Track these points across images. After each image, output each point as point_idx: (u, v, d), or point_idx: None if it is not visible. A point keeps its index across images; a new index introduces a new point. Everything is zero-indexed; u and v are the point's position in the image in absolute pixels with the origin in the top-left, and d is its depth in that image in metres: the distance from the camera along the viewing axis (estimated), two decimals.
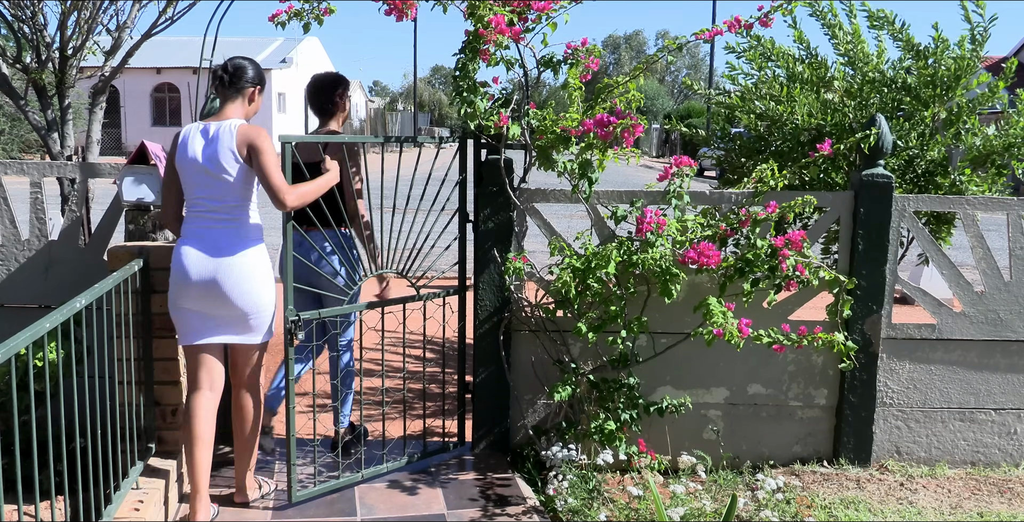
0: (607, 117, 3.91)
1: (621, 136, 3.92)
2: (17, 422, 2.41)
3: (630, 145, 3.98)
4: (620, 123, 3.89)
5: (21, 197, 4.26)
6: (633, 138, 3.94)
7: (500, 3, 3.87)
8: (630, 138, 3.93)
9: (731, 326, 3.85)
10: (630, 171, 29.86)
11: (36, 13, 5.49)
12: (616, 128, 3.90)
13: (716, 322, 3.86)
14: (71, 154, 5.73)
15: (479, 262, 4.30)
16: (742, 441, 4.42)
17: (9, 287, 4.25)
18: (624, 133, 3.90)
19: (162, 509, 3.54)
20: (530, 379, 4.35)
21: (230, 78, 3.59)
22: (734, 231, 4.10)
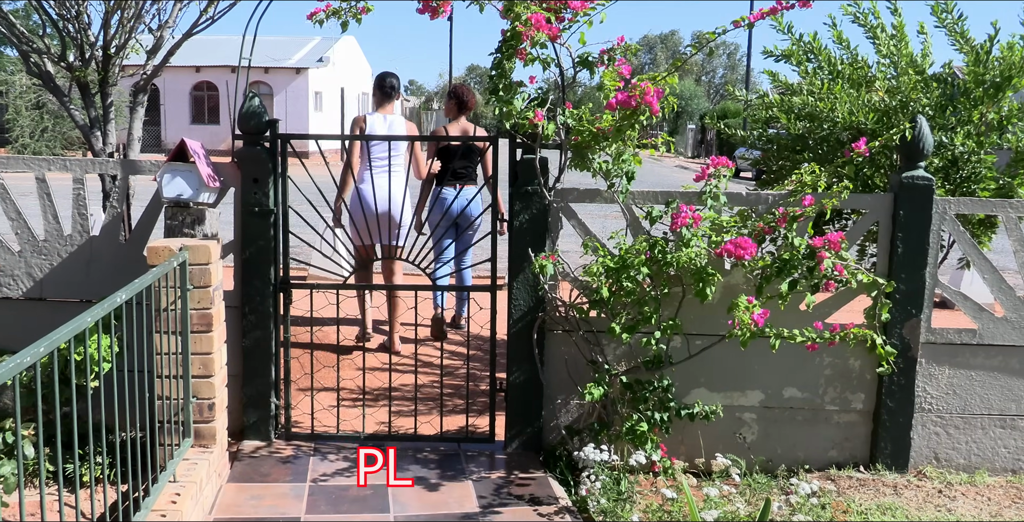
0: (623, 92, 3.88)
1: (645, 101, 3.85)
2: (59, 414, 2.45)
3: (656, 108, 3.89)
4: (637, 88, 3.84)
5: (64, 193, 4.33)
6: (656, 103, 3.86)
7: (537, 2, 3.87)
8: (653, 100, 3.85)
9: (744, 316, 3.81)
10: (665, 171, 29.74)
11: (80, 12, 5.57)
12: (635, 91, 3.85)
13: (737, 315, 3.83)
14: (113, 151, 5.81)
15: (513, 261, 4.30)
16: (777, 445, 4.38)
17: (51, 281, 4.33)
18: (646, 97, 3.84)
19: (198, 502, 3.58)
20: (563, 379, 4.34)
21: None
22: (771, 229, 4.06)
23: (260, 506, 3.76)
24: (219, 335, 4.02)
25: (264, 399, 4.42)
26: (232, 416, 4.34)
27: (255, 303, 4.35)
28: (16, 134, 24.70)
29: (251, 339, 4.37)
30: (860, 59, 5.00)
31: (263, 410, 4.43)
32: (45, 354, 2.34)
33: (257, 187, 4.28)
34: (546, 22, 3.82)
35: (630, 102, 3.87)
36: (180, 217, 4.06)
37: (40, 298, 4.35)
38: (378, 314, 6.63)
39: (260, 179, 4.28)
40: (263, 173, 4.28)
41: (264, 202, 4.29)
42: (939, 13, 4.84)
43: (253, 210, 4.30)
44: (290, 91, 35.30)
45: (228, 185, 4.28)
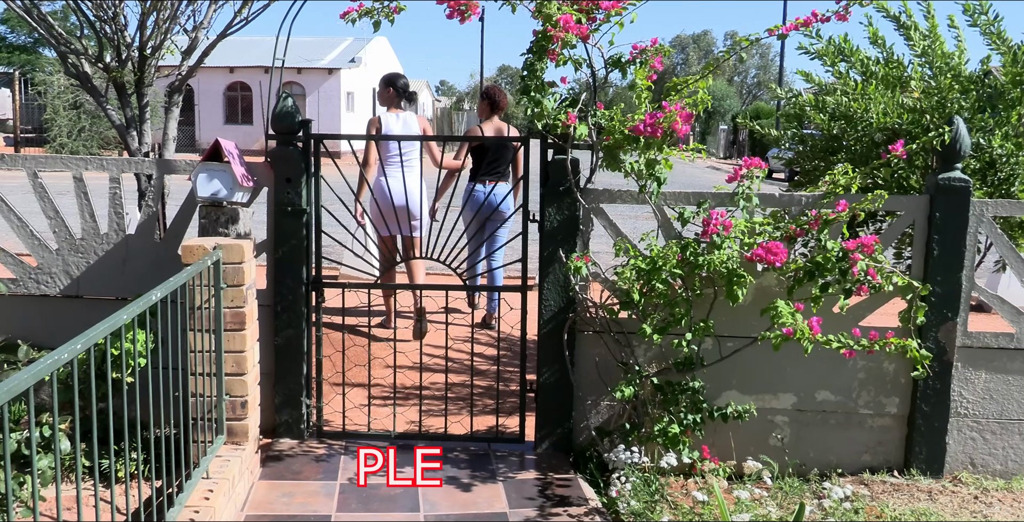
0: (653, 115, 3.89)
1: (672, 129, 3.87)
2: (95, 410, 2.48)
3: (683, 134, 3.93)
4: (666, 116, 3.85)
5: (100, 192, 4.38)
6: (684, 127, 3.89)
7: (568, 2, 3.87)
8: (681, 129, 3.87)
9: (802, 325, 3.79)
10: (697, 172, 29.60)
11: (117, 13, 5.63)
12: (663, 122, 3.86)
13: (785, 322, 3.80)
14: (148, 151, 5.88)
15: (544, 262, 4.30)
16: (809, 448, 4.34)
17: (88, 279, 4.38)
18: (673, 126, 3.86)
19: (231, 499, 3.61)
20: (594, 380, 4.33)
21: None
22: (804, 232, 4.03)
23: (291, 503, 3.78)
24: (252, 333, 4.05)
25: (296, 397, 4.45)
26: (264, 414, 4.37)
27: (287, 302, 4.39)
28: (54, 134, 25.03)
29: (283, 338, 4.40)
30: (895, 59, 4.94)
31: (295, 408, 4.46)
32: (82, 351, 2.37)
33: (290, 187, 4.32)
34: (576, 23, 3.82)
35: (656, 132, 3.88)
36: (214, 216, 4.10)
37: (77, 296, 4.41)
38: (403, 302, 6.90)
39: (293, 179, 4.31)
40: (296, 173, 4.31)
41: (297, 202, 4.32)
42: (972, 13, 4.78)
43: (286, 209, 4.33)
44: (322, 91, 35.54)
45: (261, 185, 4.32)
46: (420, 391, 4.83)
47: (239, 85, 35.50)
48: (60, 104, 24.92)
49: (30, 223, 4.39)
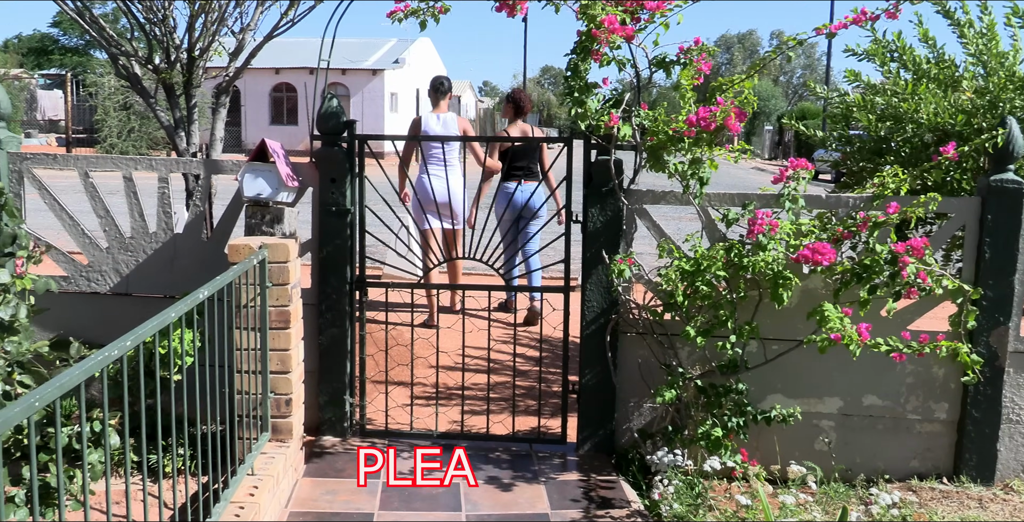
0: (707, 109, 3.86)
1: (725, 124, 3.84)
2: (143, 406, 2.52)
3: (736, 131, 3.90)
4: (720, 110, 3.82)
5: (149, 191, 4.45)
6: (738, 124, 3.86)
7: (613, 3, 3.85)
8: (735, 124, 3.84)
9: (850, 330, 3.74)
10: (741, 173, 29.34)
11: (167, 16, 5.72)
12: (718, 116, 3.83)
13: (833, 327, 3.75)
14: (196, 151, 5.96)
15: (587, 263, 4.29)
16: (856, 453, 4.28)
17: (137, 277, 4.46)
18: (727, 121, 3.83)
19: (275, 495, 3.65)
20: (636, 382, 4.31)
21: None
22: (852, 234, 3.97)
23: (335, 501, 3.81)
24: (296, 332, 4.09)
25: (339, 396, 4.48)
26: (308, 412, 4.41)
27: (332, 301, 4.42)
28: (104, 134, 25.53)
29: (327, 336, 4.44)
30: (947, 58, 4.85)
31: (338, 407, 4.49)
32: (131, 348, 2.41)
33: (335, 187, 4.35)
34: (621, 24, 3.81)
35: (710, 126, 3.84)
36: (260, 216, 4.15)
37: (126, 293, 4.48)
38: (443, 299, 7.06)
39: (337, 179, 4.34)
40: (340, 173, 4.34)
41: (341, 202, 4.35)
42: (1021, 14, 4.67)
43: (330, 209, 4.36)
44: (366, 92, 35.80)
45: (306, 185, 4.36)
46: (462, 391, 4.85)
47: (285, 86, 35.88)
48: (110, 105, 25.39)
49: (81, 222, 4.47)
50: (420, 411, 4.83)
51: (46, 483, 3.14)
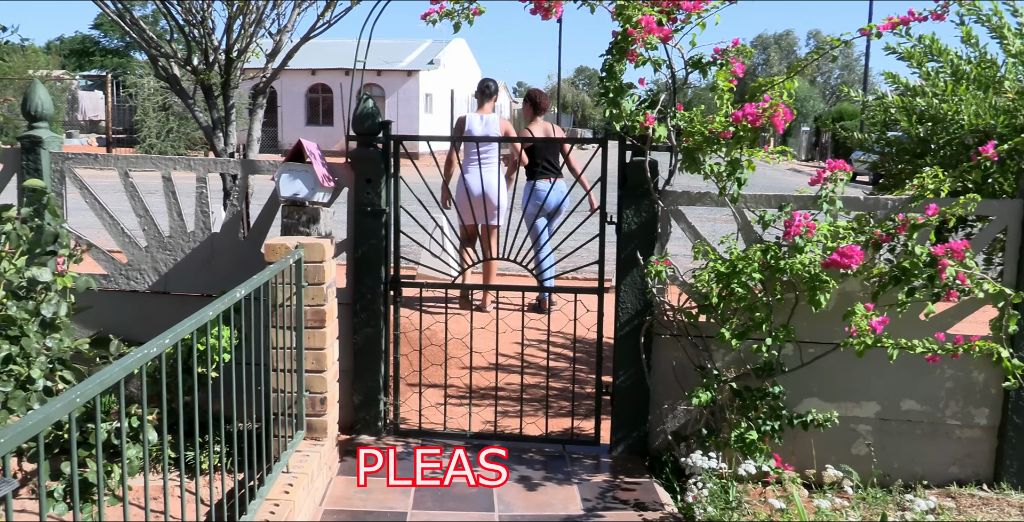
0: (754, 105, 3.83)
1: (771, 120, 3.81)
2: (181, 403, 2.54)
3: (782, 128, 3.87)
4: (769, 106, 3.80)
5: (187, 191, 4.51)
6: (783, 123, 3.83)
7: (649, 3, 3.84)
8: (781, 122, 3.81)
9: (863, 322, 3.68)
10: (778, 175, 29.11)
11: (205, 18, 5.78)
12: (765, 112, 3.80)
13: (855, 321, 3.71)
14: (233, 151, 6.02)
15: (621, 264, 4.27)
16: (893, 458, 4.23)
17: (175, 276, 4.51)
18: (774, 118, 3.80)
19: (309, 493, 3.67)
20: (670, 384, 4.29)
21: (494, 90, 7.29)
22: (890, 236, 3.92)
23: (368, 500, 3.83)
24: (331, 331, 4.12)
25: (374, 395, 4.50)
26: (343, 411, 4.44)
27: (366, 301, 4.44)
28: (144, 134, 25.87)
29: (362, 336, 4.46)
30: (988, 59, 4.77)
31: (372, 406, 4.51)
32: (170, 345, 2.44)
33: (370, 187, 4.37)
34: (657, 24, 3.79)
35: (757, 122, 3.81)
36: (296, 216, 4.18)
37: (164, 292, 4.54)
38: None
39: (373, 179, 4.37)
40: (376, 173, 4.37)
41: (376, 202, 4.38)
42: None
43: (366, 210, 4.39)
44: (401, 93, 35.97)
45: (342, 185, 4.39)
46: (496, 391, 4.85)
47: (320, 87, 36.14)
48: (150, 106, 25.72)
49: (121, 221, 4.53)
50: (453, 411, 4.84)
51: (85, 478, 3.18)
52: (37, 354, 3.21)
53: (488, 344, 5.24)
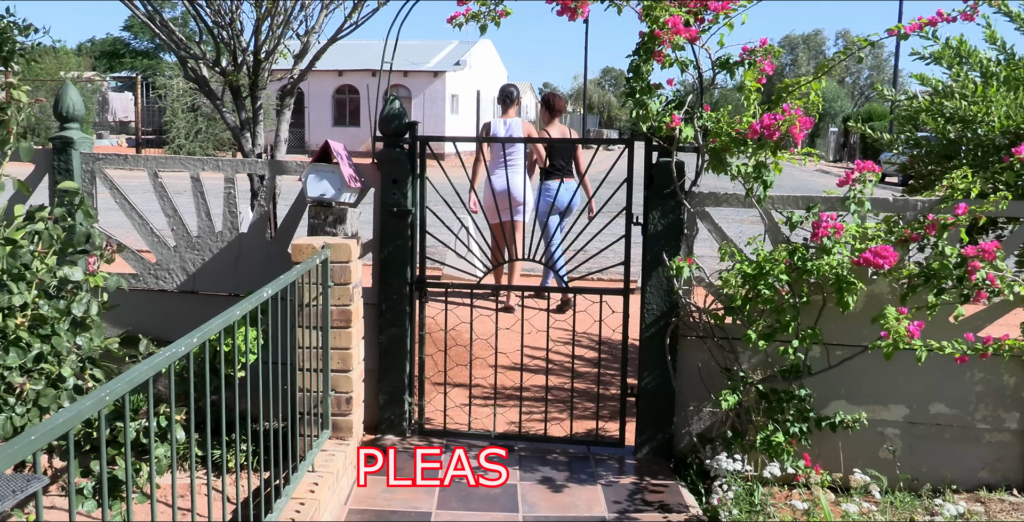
0: (772, 116, 3.81)
1: (789, 133, 3.79)
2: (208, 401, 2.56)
3: (800, 139, 3.84)
4: (785, 119, 3.77)
5: (215, 191, 4.54)
6: (803, 133, 3.80)
7: (676, 4, 3.82)
8: (799, 133, 3.79)
9: (899, 327, 3.65)
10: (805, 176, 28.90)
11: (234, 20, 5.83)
12: (782, 125, 3.78)
13: (888, 326, 3.67)
14: (261, 152, 6.06)
15: (647, 265, 4.26)
16: (922, 462, 4.18)
17: (203, 276, 4.55)
18: (791, 130, 3.77)
19: (335, 492, 3.69)
20: (696, 386, 4.27)
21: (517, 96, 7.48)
22: (920, 236, 3.88)
23: (393, 499, 3.85)
24: (357, 331, 4.14)
25: (399, 395, 4.52)
26: (368, 410, 4.46)
27: (392, 301, 4.46)
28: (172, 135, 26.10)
29: (387, 336, 4.48)
30: (1017, 60, 4.71)
31: (398, 406, 4.53)
32: (197, 344, 2.46)
33: (396, 188, 4.39)
34: (685, 25, 3.78)
35: (773, 135, 3.79)
36: (323, 216, 4.20)
37: (192, 291, 4.58)
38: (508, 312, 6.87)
39: (399, 180, 4.38)
40: (402, 174, 4.38)
41: (402, 202, 4.39)
42: None
43: (392, 210, 4.40)
44: (427, 94, 36.06)
45: (368, 185, 4.40)
46: (520, 392, 4.85)
47: (347, 88, 36.31)
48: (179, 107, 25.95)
49: (150, 221, 4.57)
50: (478, 411, 4.84)
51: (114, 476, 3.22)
52: (68, 352, 3.25)
53: (513, 344, 5.24)
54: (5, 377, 3.03)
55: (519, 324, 4.80)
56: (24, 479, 1.45)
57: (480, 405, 4.98)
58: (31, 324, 3.22)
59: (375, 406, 4.53)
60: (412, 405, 4.60)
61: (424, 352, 4.61)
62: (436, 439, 4.56)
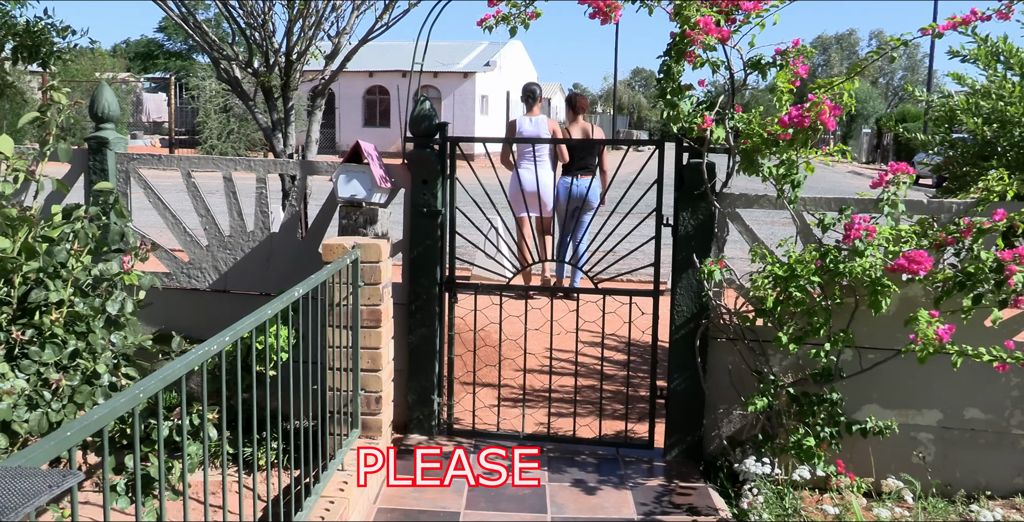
0: (798, 106, 3.78)
1: (819, 120, 3.75)
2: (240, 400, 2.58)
3: (832, 126, 3.80)
4: (813, 105, 3.73)
5: (247, 191, 4.58)
6: (832, 120, 3.76)
7: (707, 4, 3.80)
8: (828, 119, 3.74)
9: (928, 330, 3.59)
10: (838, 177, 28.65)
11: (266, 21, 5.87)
12: (811, 111, 3.74)
13: (918, 329, 3.62)
14: (292, 152, 6.10)
15: (677, 266, 4.24)
16: (956, 468, 4.13)
17: (235, 275, 4.59)
18: (821, 115, 3.73)
19: (364, 491, 3.70)
20: (726, 388, 4.24)
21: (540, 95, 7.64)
22: (955, 239, 3.83)
23: (421, 499, 3.86)
24: (387, 331, 4.15)
25: (428, 395, 4.53)
26: (397, 410, 4.48)
27: (422, 301, 4.47)
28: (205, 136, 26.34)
29: (417, 336, 4.49)
30: None
31: (426, 405, 4.54)
32: (229, 343, 2.48)
33: (426, 188, 4.40)
34: (716, 25, 3.75)
35: (803, 122, 3.76)
36: (353, 216, 4.22)
37: (224, 290, 4.62)
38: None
39: (429, 180, 4.40)
40: (432, 175, 4.39)
41: (432, 203, 4.40)
42: None
43: (422, 210, 4.42)
44: (457, 95, 36.12)
45: (399, 186, 4.42)
46: (549, 393, 4.84)
47: (377, 89, 36.44)
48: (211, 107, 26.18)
49: (183, 220, 4.62)
50: (506, 412, 4.84)
51: (147, 473, 3.25)
52: (103, 350, 3.29)
53: (542, 345, 5.23)
54: (42, 373, 3.08)
55: (548, 325, 4.79)
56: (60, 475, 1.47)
57: (508, 406, 4.98)
58: (67, 321, 3.26)
59: (404, 406, 4.54)
60: (441, 405, 4.61)
61: (453, 352, 4.62)
62: (464, 439, 4.56)
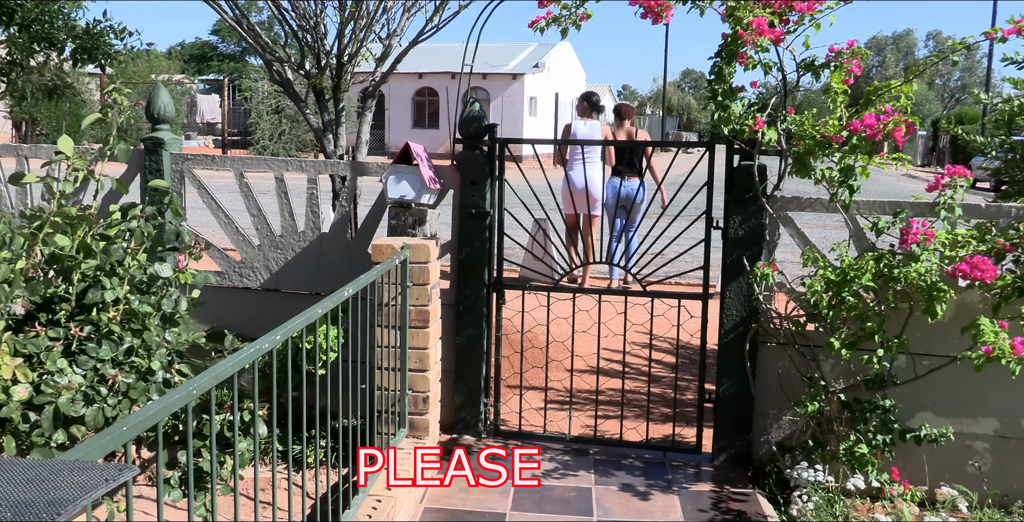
0: (875, 116, 3.71)
1: (891, 134, 3.68)
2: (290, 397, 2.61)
3: (902, 144, 3.74)
4: (891, 119, 3.67)
5: (298, 192, 4.63)
6: (905, 137, 3.70)
7: (760, 5, 3.76)
8: (901, 137, 3.69)
9: (1003, 343, 3.51)
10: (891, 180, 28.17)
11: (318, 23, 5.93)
12: (887, 124, 3.68)
13: (987, 340, 3.53)
14: (342, 153, 6.16)
15: (727, 270, 4.20)
16: (1012, 478, 4.03)
17: (286, 274, 4.64)
18: (895, 131, 3.67)
19: (411, 491, 3.72)
20: (775, 393, 4.19)
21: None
22: (1014, 246, 3.74)
23: (468, 499, 3.87)
24: (435, 331, 4.17)
25: (475, 396, 4.54)
26: (443, 410, 4.49)
27: (469, 302, 4.48)
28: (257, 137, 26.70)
29: (464, 337, 4.50)
30: None
31: (474, 406, 4.55)
32: (280, 342, 2.51)
33: (475, 189, 4.41)
34: (769, 26, 3.71)
35: (876, 135, 3.70)
36: (402, 217, 4.25)
37: (275, 289, 4.68)
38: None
39: (478, 182, 4.41)
40: (481, 176, 4.40)
41: (481, 204, 4.41)
42: None
43: (470, 212, 4.43)
44: (506, 96, 36.16)
45: (447, 187, 4.44)
46: (596, 396, 4.83)
47: (427, 90, 36.63)
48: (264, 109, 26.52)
49: (235, 220, 4.69)
50: (553, 414, 4.84)
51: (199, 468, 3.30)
52: (157, 347, 3.35)
53: (589, 348, 5.22)
54: (98, 369, 3.14)
55: (595, 327, 4.78)
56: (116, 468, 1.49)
57: (555, 408, 4.97)
58: (123, 318, 3.32)
59: (451, 406, 4.56)
60: (488, 406, 4.61)
61: (500, 354, 4.62)
62: (511, 441, 4.56)
